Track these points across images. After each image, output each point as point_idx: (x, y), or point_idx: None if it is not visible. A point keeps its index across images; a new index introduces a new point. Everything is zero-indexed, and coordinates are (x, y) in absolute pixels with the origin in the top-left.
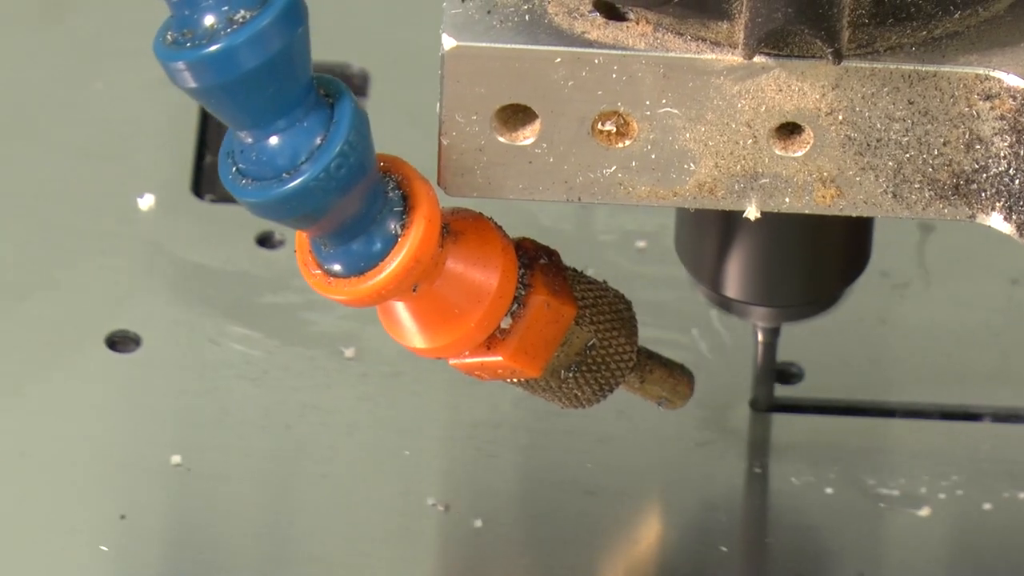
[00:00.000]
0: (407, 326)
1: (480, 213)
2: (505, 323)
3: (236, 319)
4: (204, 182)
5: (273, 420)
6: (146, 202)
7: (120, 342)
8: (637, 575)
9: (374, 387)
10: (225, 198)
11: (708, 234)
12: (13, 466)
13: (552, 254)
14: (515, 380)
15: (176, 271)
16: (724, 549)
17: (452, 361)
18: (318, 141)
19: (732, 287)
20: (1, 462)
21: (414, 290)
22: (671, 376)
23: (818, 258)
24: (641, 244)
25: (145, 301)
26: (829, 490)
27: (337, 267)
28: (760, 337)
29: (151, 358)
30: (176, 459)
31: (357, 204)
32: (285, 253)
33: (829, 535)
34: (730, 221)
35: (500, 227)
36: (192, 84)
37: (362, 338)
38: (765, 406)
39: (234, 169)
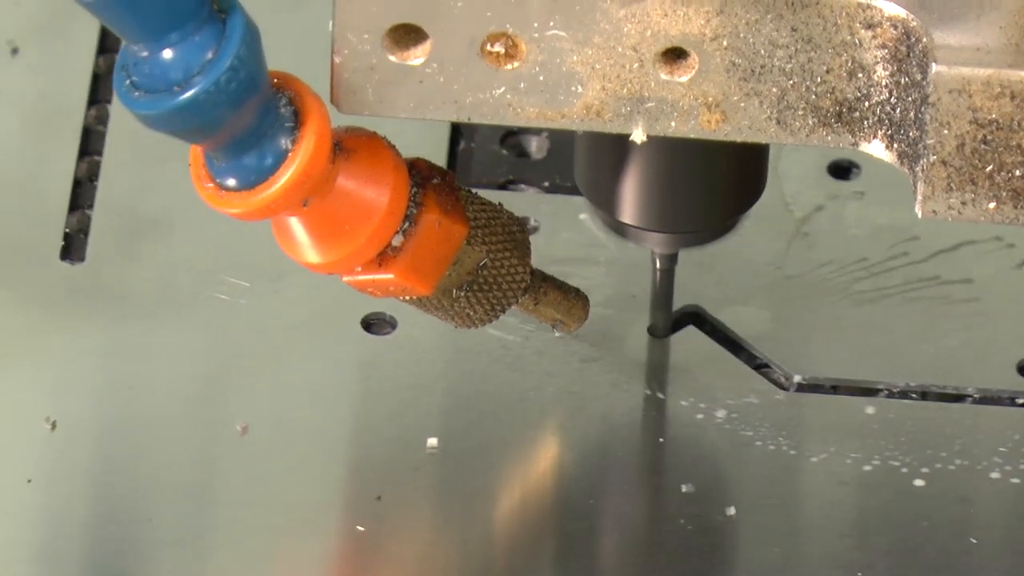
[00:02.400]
0: (299, 241)
1: (374, 132)
2: (396, 241)
3: None
4: (458, 171)
5: (529, 406)
6: None
7: (376, 324)
8: (534, 496)
9: (625, 374)
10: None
11: (604, 160)
12: (272, 445)
13: (446, 174)
14: (407, 298)
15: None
16: (621, 473)
17: (345, 278)
18: (209, 55)
19: (628, 213)
20: (260, 441)
21: (305, 205)
22: (566, 299)
23: (714, 183)
24: None
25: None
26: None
27: (229, 181)
28: (658, 264)
29: (406, 341)
30: (432, 442)
31: (248, 118)
32: (542, 238)
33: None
34: (626, 146)
35: (393, 147)
36: None
37: None
38: (663, 332)
39: (128, 82)
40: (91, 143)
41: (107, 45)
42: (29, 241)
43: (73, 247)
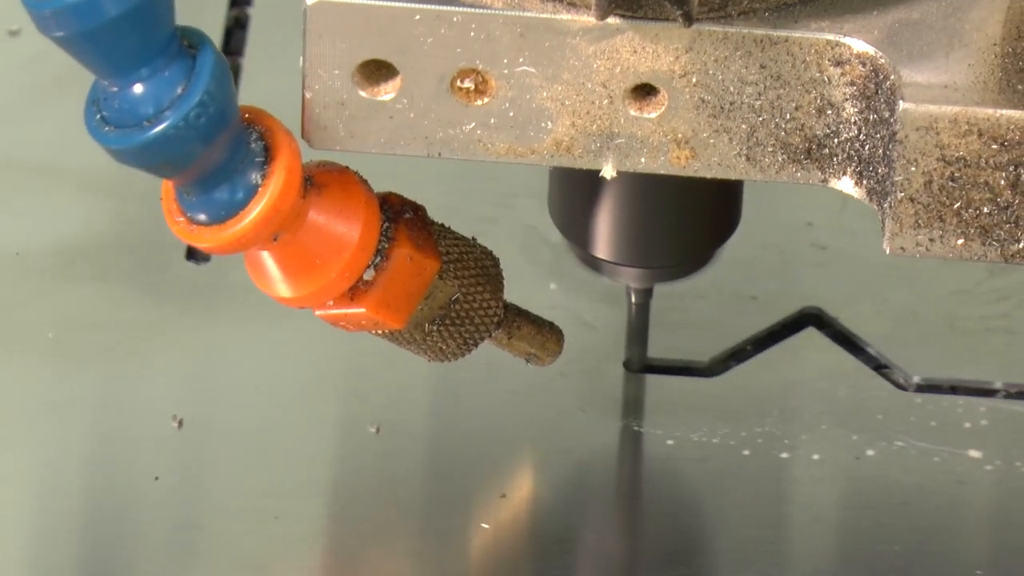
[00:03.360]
0: (271, 275)
1: (346, 167)
2: (368, 275)
3: None
4: None
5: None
6: None
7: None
8: (509, 533)
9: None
10: None
11: (578, 195)
12: (400, 444)
13: (418, 209)
14: (380, 332)
15: None
16: (598, 507)
17: (318, 312)
18: (179, 91)
19: (602, 248)
20: (389, 439)
21: (275, 239)
22: (540, 333)
23: (688, 219)
24: None
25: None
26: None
27: (200, 215)
28: (633, 298)
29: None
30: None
31: (218, 153)
32: None
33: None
34: (599, 182)
35: (365, 181)
36: (58, 32)
37: None
38: (639, 367)
39: (98, 116)
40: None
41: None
42: (156, 241)
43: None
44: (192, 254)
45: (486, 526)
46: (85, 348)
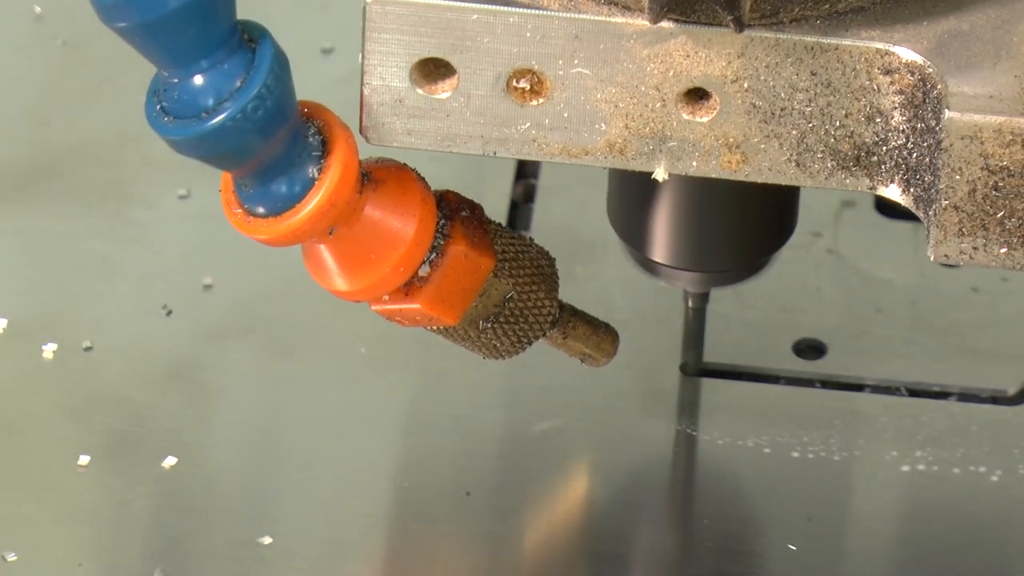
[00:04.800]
0: (328, 268)
1: (404, 164)
2: (423, 271)
3: None
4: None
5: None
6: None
7: (805, 351)
8: (563, 536)
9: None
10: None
11: (636, 198)
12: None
13: (475, 208)
14: (434, 328)
15: (858, 280)
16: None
17: (373, 306)
18: (238, 83)
19: (660, 251)
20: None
21: (331, 233)
22: (595, 333)
23: (745, 223)
24: None
25: (830, 309)
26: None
27: (258, 208)
28: (689, 303)
29: (833, 367)
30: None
31: (276, 146)
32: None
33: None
34: (656, 185)
35: (423, 178)
36: (120, 22)
37: None
38: (695, 371)
39: (158, 107)
40: (527, 166)
41: None
42: None
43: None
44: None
45: (539, 526)
46: (395, 361)
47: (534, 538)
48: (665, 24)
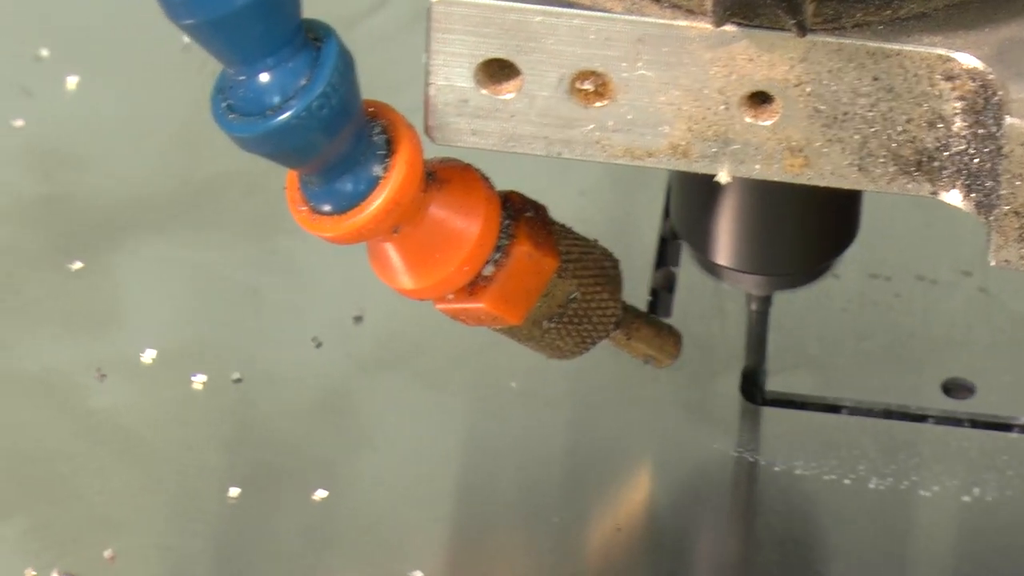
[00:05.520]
0: (393, 266)
1: (468, 164)
2: (488, 271)
3: None
4: None
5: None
6: None
7: (954, 389)
8: (622, 563)
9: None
10: None
11: (700, 201)
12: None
13: (539, 208)
14: (498, 327)
15: (1008, 319)
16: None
17: (438, 305)
18: (303, 81)
19: (723, 254)
20: None
21: (396, 231)
22: (658, 335)
23: (809, 227)
24: None
25: (979, 348)
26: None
27: (324, 206)
28: (752, 306)
29: (983, 406)
30: None
31: (341, 144)
32: None
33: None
34: (721, 188)
35: (487, 178)
36: (188, 19)
37: None
38: (755, 377)
39: (224, 104)
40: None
41: None
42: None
43: (659, 303)
44: (652, 309)
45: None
46: (547, 396)
47: (592, 561)
48: (728, 28)
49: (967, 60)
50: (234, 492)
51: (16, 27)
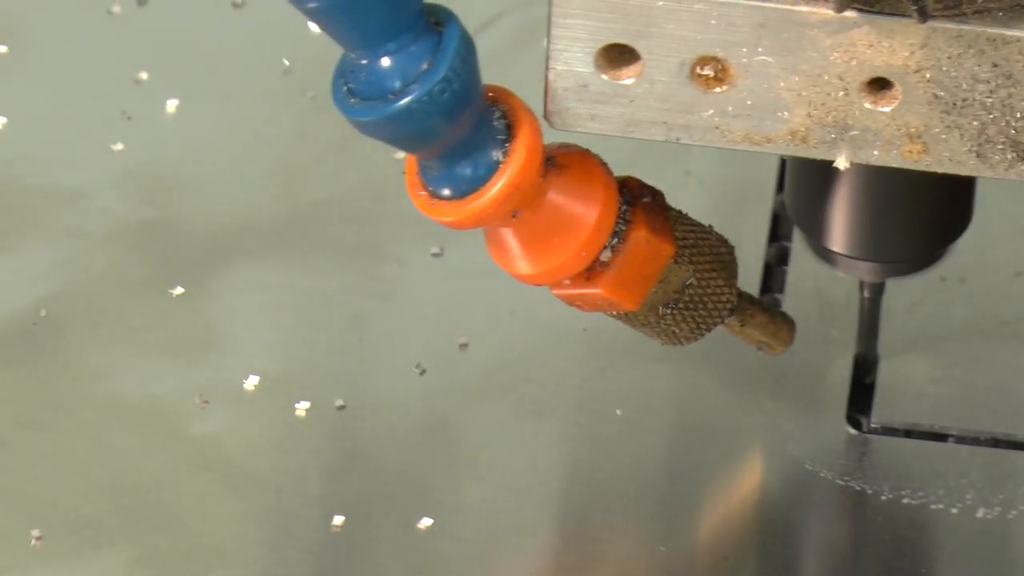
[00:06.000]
0: (511, 251)
1: (587, 149)
2: (605, 256)
3: None
4: None
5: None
6: None
7: None
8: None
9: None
10: None
11: (815, 187)
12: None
13: (656, 194)
14: (615, 313)
15: None
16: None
17: (554, 290)
18: (424, 66)
19: (838, 241)
20: None
21: (514, 216)
22: (772, 322)
23: (925, 213)
24: None
25: None
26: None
27: (443, 190)
28: (865, 292)
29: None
30: None
31: (461, 129)
32: None
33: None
34: (835, 174)
35: (605, 164)
36: (311, 3)
37: None
38: (870, 363)
39: (345, 88)
40: (781, 228)
41: None
42: None
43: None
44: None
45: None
46: (651, 424)
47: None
48: (849, 14)
49: None
50: (338, 520)
51: (115, 50)
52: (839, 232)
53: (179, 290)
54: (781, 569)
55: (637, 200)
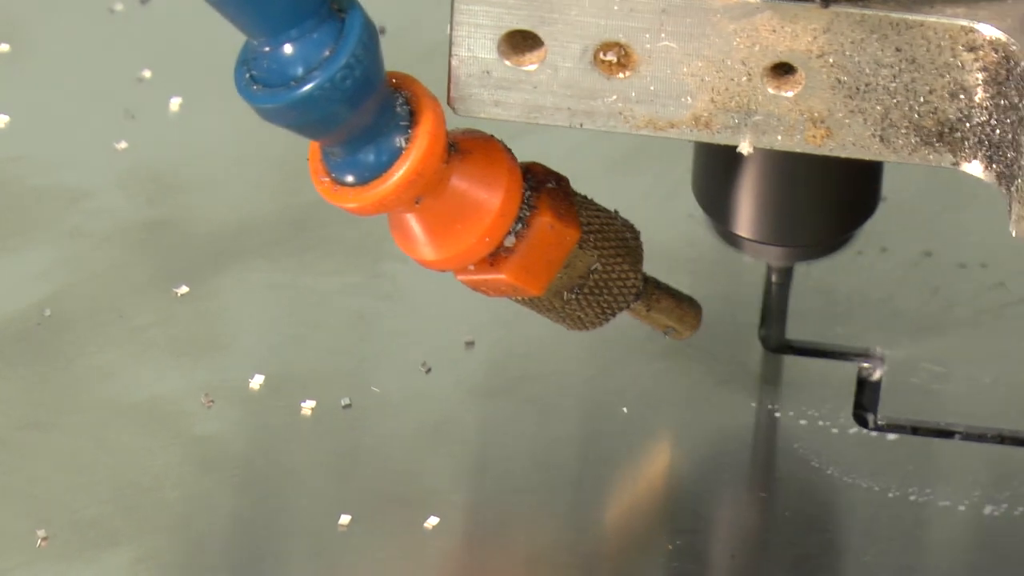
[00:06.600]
0: (414, 237)
1: (491, 135)
2: (509, 242)
3: None
4: None
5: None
6: None
7: None
8: (643, 511)
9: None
10: None
11: (721, 173)
12: None
13: (561, 180)
14: (519, 299)
15: None
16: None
17: (459, 276)
18: (327, 53)
19: (744, 226)
20: None
21: (417, 202)
22: (678, 307)
23: (830, 198)
24: None
25: None
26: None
27: (346, 177)
28: (773, 277)
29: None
30: None
31: (364, 116)
32: None
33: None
34: (741, 159)
35: (509, 150)
36: None
37: None
38: (775, 346)
39: (247, 76)
40: None
41: None
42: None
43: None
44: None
45: (620, 501)
46: (657, 422)
47: (612, 512)
48: None
49: (990, 31)
50: (344, 519)
51: (118, 49)
52: (745, 217)
53: (183, 289)
54: (788, 567)
55: (542, 186)
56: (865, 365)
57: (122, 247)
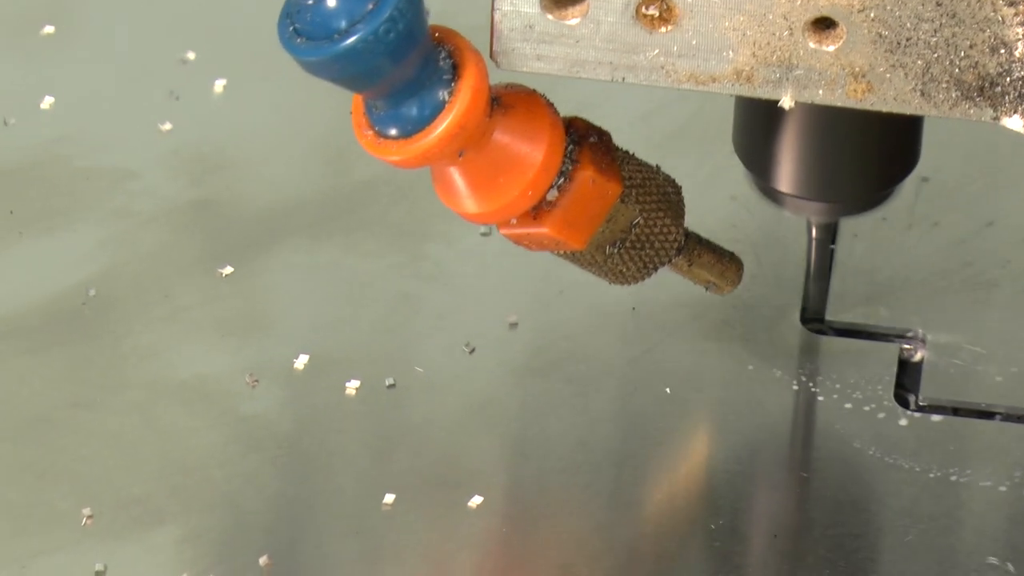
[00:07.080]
0: (457, 191)
1: (533, 90)
2: (551, 196)
3: None
4: None
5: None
6: None
7: None
8: (685, 491)
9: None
10: None
11: (762, 128)
12: None
13: (603, 134)
14: (562, 252)
15: None
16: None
17: (502, 230)
18: (370, 6)
19: (785, 181)
20: None
21: (460, 156)
22: (719, 262)
23: (871, 153)
24: None
25: None
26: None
27: (390, 130)
28: (814, 233)
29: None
30: None
31: (407, 69)
32: None
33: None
34: (783, 114)
35: (552, 104)
36: None
37: None
38: (819, 306)
39: (291, 28)
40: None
41: None
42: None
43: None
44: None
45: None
46: (706, 401)
47: (651, 494)
48: None
49: None
50: (388, 499)
51: (162, 30)
52: (787, 173)
53: (228, 269)
54: (831, 547)
55: (584, 140)
56: (907, 346)
57: (167, 228)
